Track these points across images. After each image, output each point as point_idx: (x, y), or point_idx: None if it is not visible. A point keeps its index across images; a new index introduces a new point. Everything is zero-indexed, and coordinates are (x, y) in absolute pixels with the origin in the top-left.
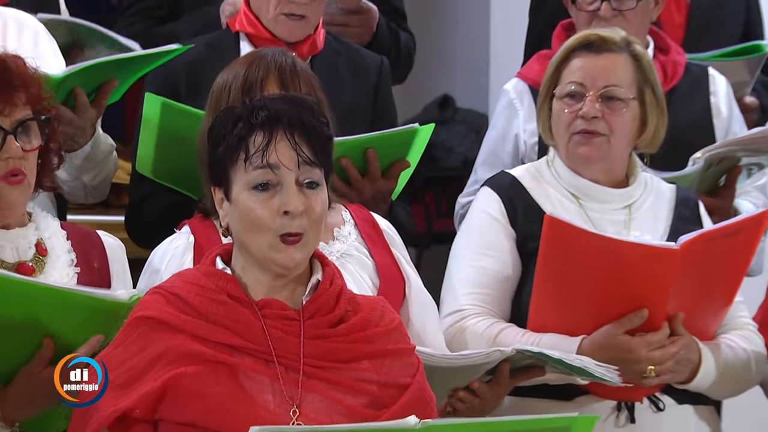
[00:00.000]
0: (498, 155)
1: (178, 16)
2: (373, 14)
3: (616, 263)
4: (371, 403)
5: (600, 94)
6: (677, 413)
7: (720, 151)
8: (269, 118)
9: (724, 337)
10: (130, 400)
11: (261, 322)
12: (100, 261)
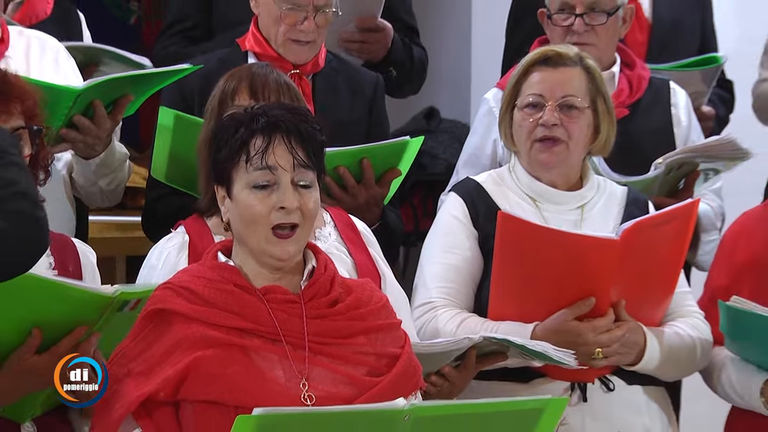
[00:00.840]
0: (478, 158)
1: (210, 37)
2: (388, 31)
3: (563, 254)
4: (370, 372)
5: (558, 104)
6: (627, 393)
7: (680, 157)
8: (268, 123)
9: (671, 324)
10: (153, 385)
11: (266, 306)
12: (74, 264)
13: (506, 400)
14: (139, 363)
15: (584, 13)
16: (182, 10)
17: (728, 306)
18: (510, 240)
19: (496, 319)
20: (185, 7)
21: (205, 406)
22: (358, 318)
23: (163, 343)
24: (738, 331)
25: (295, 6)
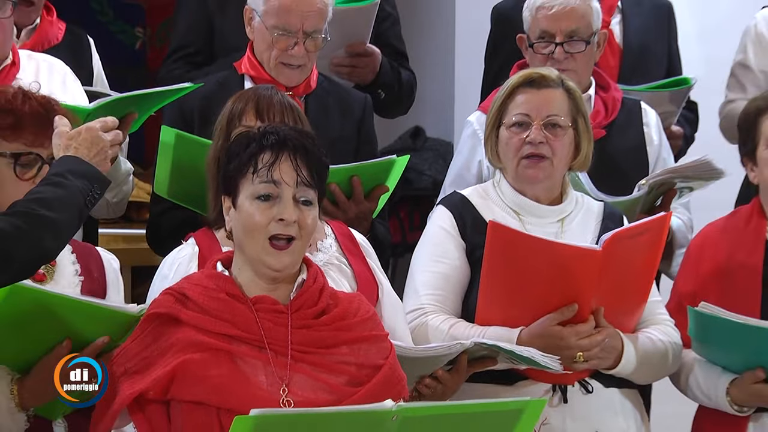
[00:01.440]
0: (464, 177)
1: (212, 61)
2: (376, 56)
3: (548, 263)
4: (349, 381)
5: (543, 123)
6: (604, 395)
7: (661, 178)
8: (278, 141)
9: (644, 331)
10: (144, 383)
11: (255, 315)
12: (98, 271)
13: (488, 401)
14: (135, 362)
15: (564, 41)
16: (186, 36)
17: (697, 311)
18: (499, 248)
19: (483, 324)
20: (189, 34)
21: (192, 406)
22: (343, 329)
23: (158, 345)
24: (705, 334)
25: (285, 32)
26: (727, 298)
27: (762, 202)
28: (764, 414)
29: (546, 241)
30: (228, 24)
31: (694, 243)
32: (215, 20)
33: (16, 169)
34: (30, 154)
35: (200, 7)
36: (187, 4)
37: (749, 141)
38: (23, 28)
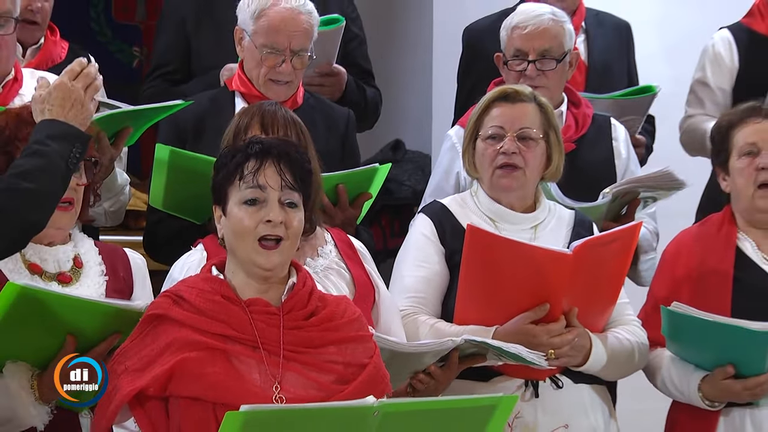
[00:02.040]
0: (443, 188)
1: (189, 79)
2: (342, 76)
3: (523, 264)
4: (337, 379)
5: (517, 135)
6: (574, 390)
7: (624, 187)
8: (262, 149)
9: (613, 330)
10: (145, 381)
11: (249, 316)
12: (125, 271)
13: (464, 398)
14: (135, 361)
15: (536, 59)
16: (164, 56)
17: (669, 310)
18: (476, 250)
19: (461, 323)
20: (167, 54)
21: (189, 402)
22: (331, 329)
23: (157, 344)
24: (677, 333)
25: (274, 50)
26: (700, 302)
27: (733, 209)
28: (734, 409)
29: (520, 244)
30: (204, 45)
31: (668, 249)
32: (192, 41)
33: None
34: None
35: (178, 29)
36: (165, 27)
37: (722, 152)
38: (28, 47)
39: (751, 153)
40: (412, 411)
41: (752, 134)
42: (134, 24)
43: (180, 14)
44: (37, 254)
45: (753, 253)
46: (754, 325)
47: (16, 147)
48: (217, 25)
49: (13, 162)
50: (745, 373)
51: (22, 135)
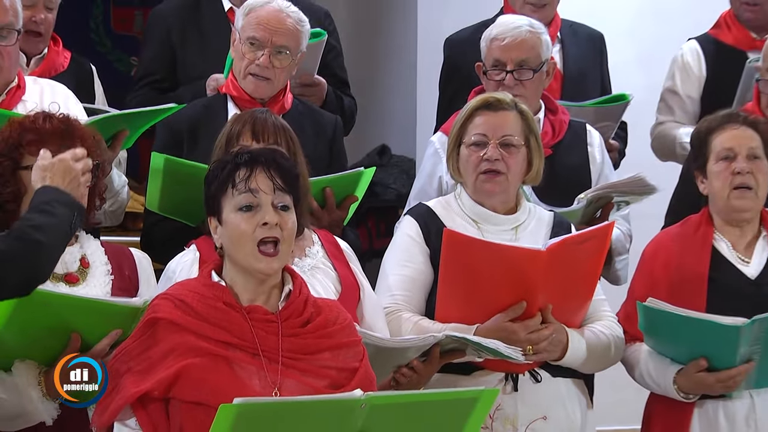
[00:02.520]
0: (426, 191)
1: (176, 87)
2: (323, 86)
3: (499, 264)
4: (331, 384)
5: (499, 142)
6: (552, 384)
7: (598, 192)
8: (251, 158)
9: (590, 326)
10: (150, 383)
11: (249, 324)
12: (130, 270)
13: (447, 391)
14: (138, 362)
15: (514, 69)
16: (151, 66)
17: (645, 306)
18: (454, 253)
19: (443, 322)
20: (154, 63)
21: (192, 406)
22: (325, 336)
23: (160, 347)
24: (653, 328)
25: (256, 42)
26: (677, 299)
27: (710, 211)
28: (708, 401)
29: (495, 244)
30: (189, 55)
31: (648, 248)
32: (177, 52)
33: None
34: None
35: (164, 40)
36: (152, 38)
37: (701, 156)
38: (32, 57)
39: (728, 157)
40: (397, 403)
41: (729, 140)
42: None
43: (166, 25)
44: None
45: (728, 252)
46: (725, 320)
47: (20, 154)
48: (202, 35)
49: (24, 215)
50: (718, 366)
51: (25, 141)
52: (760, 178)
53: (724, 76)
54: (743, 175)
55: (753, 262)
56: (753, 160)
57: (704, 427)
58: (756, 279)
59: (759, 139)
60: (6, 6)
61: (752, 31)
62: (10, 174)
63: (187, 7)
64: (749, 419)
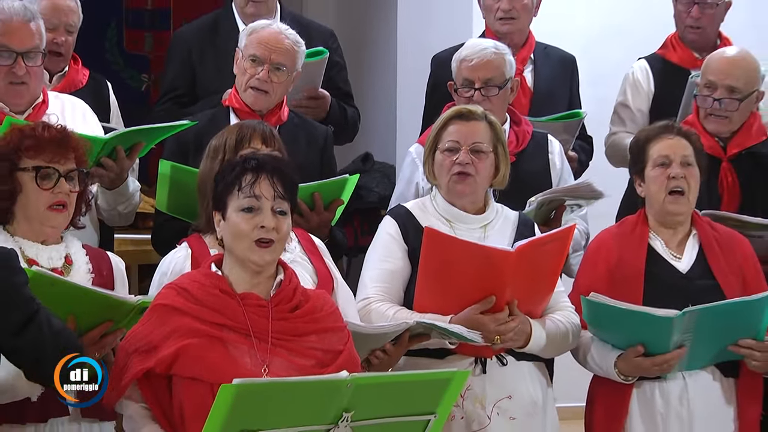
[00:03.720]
0: (405, 195)
1: (196, 101)
2: (327, 99)
3: (472, 261)
4: (317, 363)
5: (470, 148)
6: (516, 367)
7: (548, 197)
8: (257, 164)
9: (550, 316)
10: (153, 361)
11: (242, 309)
12: (107, 271)
13: (424, 372)
14: (144, 344)
15: (481, 87)
16: (174, 82)
17: (588, 300)
18: (433, 249)
19: (420, 312)
20: (176, 80)
21: (191, 381)
22: (312, 321)
23: (163, 330)
24: (595, 318)
25: (256, 59)
26: (617, 292)
27: (647, 212)
28: (645, 382)
29: (471, 243)
30: (206, 73)
31: (591, 246)
32: (197, 69)
33: (38, 181)
34: (48, 168)
35: (184, 60)
36: (174, 58)
37: (639, 162)
38: (55, 74)
39: (664, 164)
40: (379, 383)
41: (665, 148)
42: (143, 54)
43: (186, 46)
44: (33, 250)
45: (662, 250)
46: (659, 312)
47: (18, 156)
48: (218, 54)
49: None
50: (654, 352)
51: (24, 146)
52: (692, 183)
53: (670, 91)
54: (677, 180)
55: (684, 259)
56: (686, 167)
57: (642, 406)
58: (687, 273)
59: (691, 149)
60: (32, 31)
61: (695, 52)
62: (7, 174)
63: (205, 29)
64: (682, 398)
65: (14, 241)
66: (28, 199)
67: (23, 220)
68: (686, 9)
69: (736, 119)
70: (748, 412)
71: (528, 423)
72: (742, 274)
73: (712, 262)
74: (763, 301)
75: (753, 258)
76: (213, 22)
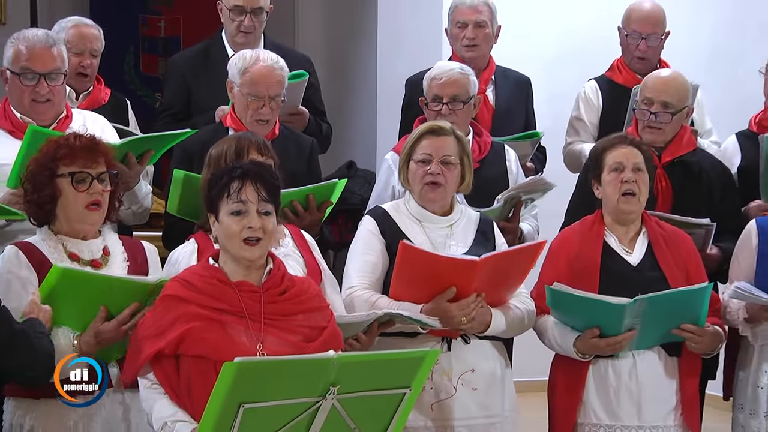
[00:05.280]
0: (382, 197)
1: (189, 118)
2: (305, 115)
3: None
4: (304, 338)
5: (440, 160)
6: (479, 345)
7: (511, 193)
8: (243, 173)
9: (509, 303)
10: (162, 344)
11: (237, 295)
12: (141, 258)
13: (401, 351)
14: (154, 329)
15: (448, 102)
16: (171, 101)
17: (551, 288)
18: (407, 261)
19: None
20: (173, 99)
21: (195, 359)
22: (299, 303)
23: (169, 317)
24: (557, 305)
25: (256, 97)
26: (576, 282)
27: (603, 212)
28: (600, 360)
29: (440, 256)
30: (200, 93)
31: (554, 242)
32: (191, 89)
33: (74, 184)
34: (82, 172)
35: (180, 81)
36: (170, 80)
37: (596, 168)
38: (81, 93)
39: (618, 170)
40: (362, 361)
41: (619, 156)
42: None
43: (181, 71)
44: (75, 246)
45: (616, 245)
46: (613, 300)
47: (56, 165)
48: (210, 77)
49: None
50: (607, 334)
51: (60, 155)
52: (642, 186)
53: (616, 107)
54: (629, 183)
55: (635, 253)
56: (637, 172)
57: (597, 380)
58: (637, 266)
59: (642, 157)
60: (54, 55)
61: (638, 75)
62: (47, 181)
63: (198, 55)
64: (631, 374)
65: (57, 238)
66: (68, 201)
67: (64, 220)
68: (635, 43)
69: (669, 131)
70: (688, 386)
71: (488, 393)
72: (685, 267)
73: (659, 256)
74: (703, 291)
75: (695, 252)
76: (204, 50)
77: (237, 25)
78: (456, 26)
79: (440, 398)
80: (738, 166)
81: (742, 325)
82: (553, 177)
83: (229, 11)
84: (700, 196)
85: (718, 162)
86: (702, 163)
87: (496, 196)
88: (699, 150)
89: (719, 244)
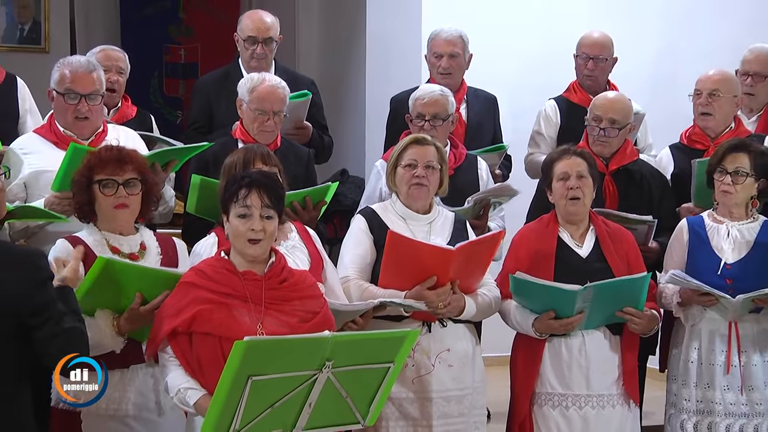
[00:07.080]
0: (371, 198)
1: (212, 131)
2: (309, 129)
3: (424, 256)
4: (300, 320)
5: (424, 165)
6: (454, 328)
7: (480, 196)
8: (249, 182)
9: (479, 291)
10: (177, 322)
11: (242, 282)
12: (173, 253)
13: (386, 331)
14: (173, 310)
15: (430, 119)
16: (196, 117)
17: (514, 277)
18: (394, 248)
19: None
20: (197, 115)
21: (205, 336)
22: (296, 290)
23: (185, 300)
24: (519, 291)
25: (262, 113)
26: (535, 271)
27: (556, 213)
28: (554, 338)
29: (422, 243)
30: (221, 110)
31: (516, 237)
32: (213, 108)
33: (101, 189)
34: (109, 179)
35: (204, 100)
36: (196, 98)
37: (548, 177)
38: (111, 109)
39: (564, 178)
40: (353, 340)
41: (565, 166)
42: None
43: (205, 91)
44: (116, 240)
45: (568, 240)
46: (565, 287)
47: (92, 173)
48: (230, 97)
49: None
50: (561, 316)
51: (93, 165)
52: (586, 191)
53: (572, 123)
54: (574, 190)
55: (584, 247)
56: (581, 179)
57: (552, 355)
58: (586, 258)
59: (585, 164)
60: (94, 79)
61: (591, 95)
62: (86, 187)
63: (219, 78)
64: (581, 350)
65: (101, 234)
66: (100, 203)
67: (102, 218)
68: (584, 63)
69: (615, 144)
70: (628, 360)
71: (462, 369)
72: (627, 259)
73: (605, 249)
74: (642, 279)
75: (635, 246)
76: (225, 73)
77: (251, 53)
78: (433, 56)
79: (420, 374)
80: (671, 173)
81: (676, 308)
82: (516, 183)
83: (243, 41)
84: (642, 199)
85: (656, 170)
86: (643, 171)
87: (471, 196)
88: (640, 160)
89: (658, 239)
